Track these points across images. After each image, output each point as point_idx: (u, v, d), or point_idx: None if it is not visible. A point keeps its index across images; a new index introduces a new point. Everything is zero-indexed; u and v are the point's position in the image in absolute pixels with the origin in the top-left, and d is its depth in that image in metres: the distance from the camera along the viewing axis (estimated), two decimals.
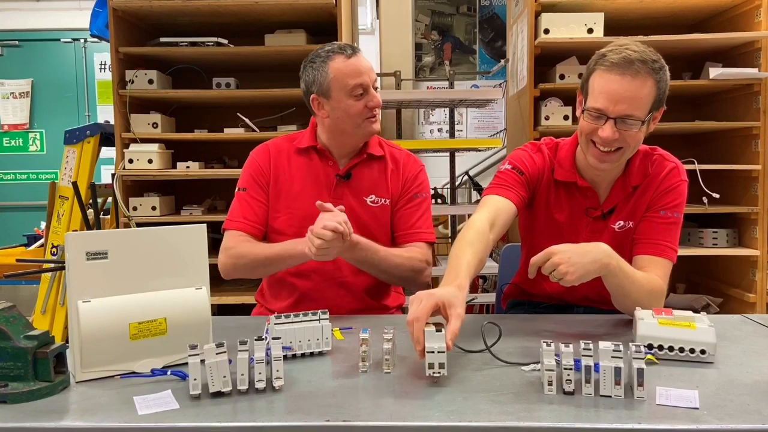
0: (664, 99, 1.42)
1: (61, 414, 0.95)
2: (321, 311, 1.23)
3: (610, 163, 1.45)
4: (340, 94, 1.60)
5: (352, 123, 1.62)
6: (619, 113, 1.36)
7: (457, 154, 3.60)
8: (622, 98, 1.35)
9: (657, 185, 1.51)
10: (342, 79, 1.59)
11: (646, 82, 1.35)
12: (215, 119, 3.10)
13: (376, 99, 1.63)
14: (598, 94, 1.38)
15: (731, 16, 2.86)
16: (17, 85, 5.76)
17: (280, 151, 1.72)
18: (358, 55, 1.61)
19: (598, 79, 1.38)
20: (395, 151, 1.77)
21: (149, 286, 1.15)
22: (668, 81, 1.41)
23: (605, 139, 1.38)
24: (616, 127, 1.37)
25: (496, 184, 1.55)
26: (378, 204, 1.70)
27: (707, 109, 3.12)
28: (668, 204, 1.50)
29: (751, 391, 1.01)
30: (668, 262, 1.47)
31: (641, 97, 1.35)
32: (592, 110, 1.39)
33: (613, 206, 1.54)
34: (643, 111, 1.37)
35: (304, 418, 0.92)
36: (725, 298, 2.92)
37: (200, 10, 2.78)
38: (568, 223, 1.57)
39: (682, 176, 1.53)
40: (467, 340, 1.25)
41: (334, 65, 1.59)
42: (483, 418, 0.91)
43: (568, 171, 1.55)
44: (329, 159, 1.70)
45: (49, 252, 3.07)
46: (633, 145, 1.42)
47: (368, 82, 1.61)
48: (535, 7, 2.75)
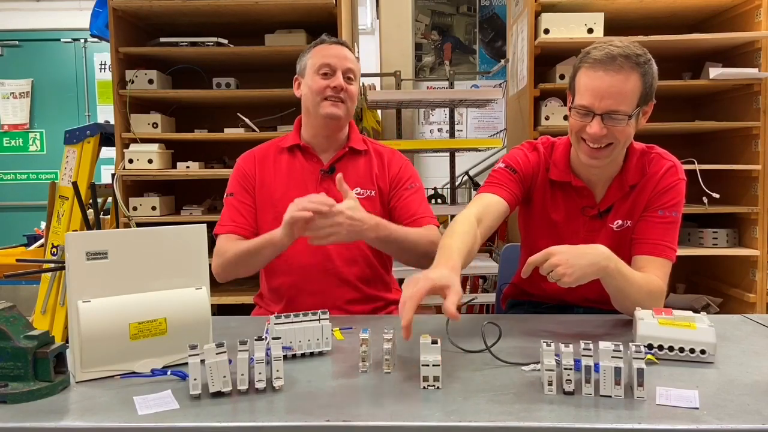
0: (652, 93, 1.42)
1: (61, 414, 0.95)
2: (321, 311, 1.23)
3: (601, 159, 1.45)
4: (310, 72, 1.68)
5: (313, 101, 1.67)
6: (605, 109, 1.37)
7: (457, 154, 3.60)
8: (606, 94, 1.36)
9: (655, 184, 1.51)
10: (314, 58, 1.68)
11: (630, 76, 1.36)
12: (215, 119, 3.10)
13: (338, 81, 1.66)
14: (583, 92, 1.40)
15: (731, 16, 2.86)
16: (17, 85, 5.77)
17: (266, 155, 1.76)
18: (339, 45, 1.70)
19: (583, 77, 1.40)
20: (379, 147, 1.81)
21: (149, 286, 1.15)
22: (655, 74, 1.41)
23: (593, 136, 1.39)
24: (603, 123, 1.38)
25: (489, 183, 1.57)
26: (364, 196, 1.70)
27: (707, 109, 3.12)
28: (666, 203, 1.50)
29: (751, 391, 1.00)
30: (667, 262, 1.47)
31: (626, 92, 1.36)
32: (579, 107, 1.41)
33: (610, 205, 1.54)
34: (629, 105, 1.38)
35: (304, 418, 0.92)
36: (725, 298, 2.92)
37: (200, 10, 2.78)
38: (565, 223, 1.57)
39: (680, 175, 1.52)
40: (467, 340, 1.25)
41: (316, 49, 1.70)
42: (483, 418, 0.91)
43: (563, 171, 1.56)
44: (313, 155, 1.73)
45: (49, 252, 3.08)
46: (622, 140, 1.42)
47: (337, 65, 1.66)
48: (535, 7, 2.75)
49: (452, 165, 3.55)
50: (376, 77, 4.47)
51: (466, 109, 4.97)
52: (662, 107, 3.06)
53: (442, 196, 3.67)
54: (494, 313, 1.59)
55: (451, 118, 3.71)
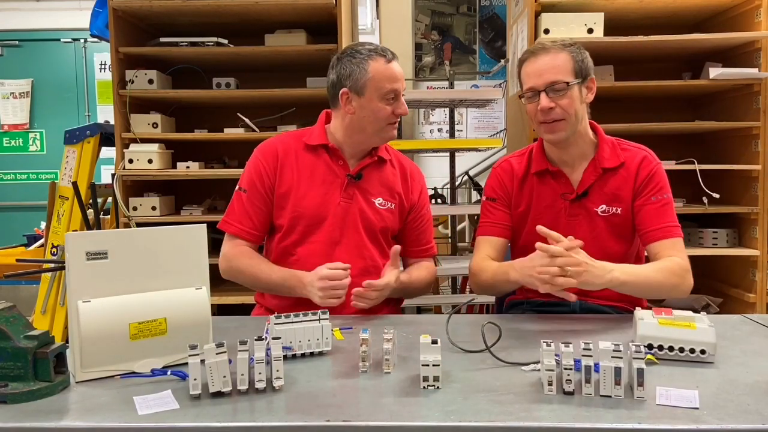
0: (588, 69, 1.60)
1: (61, 414, 0.95)
2: (321, 311, 1.23)
3: (561, 132, 1.58)
4: (373, 95, 1.62)
5: (376, 125, 1.65)
6: (545, 82, 1.55)
7: (457, 154, 3.60)
8: (542, 70, 1.56)
9: (635, 175, 1.62)
10: (379, 81, 1.62)
11: (559, 54, 1.57)
12: (215, 119, 3.10)
13: (404, 108, 1.67)
14: (525, 78, 1.61)
15: (731, 16, 2.86)
16: (17, 85, 5.76)
17: (288, 149, 1.72)
18: (396, 62, 1.66)
19: (523, 71, 1.62)
20: (401, 158, 1.83)
21: (149, 286, 1.15)
22: (585, 56, 1.60)
23: (544, 109, 1.56)
24: (549, 97, 1.55)
25: (483, 222, 1.74)
26: (385, 207, 1.73)
27: (707, 109, 3.12)
28: (654, 188, 1.61)
29: (751, 391, 1.01)
30: (678, 240, 1.58)
31: (558, 65, 1.56)
32: (526, 92, 1.60)
33: (586, 188, 1.64)
34: (565, 75, 1.55)
35: (304, 418, 0.92)
36: (725, 298, 2.92)
37: (200, 10, 2.77)
38: (545, 210, 1.67)
39: (655, 160, 1.65)
40: (467, 340, 1.25)
41: (375, 65, 1.62)
42: (483, 418, 0.91)
43: (539, 160, 1.68)
44: (339, 158, 1.71)
45: (49, 252, 3.07)
46: (571, 111, 1.56)
47: (401, 89, 1.65)
48: (535, 7, 2.74)
49: (452, 165, 3.55)
50: None
51: (466, 109, 4.97)
52: (662, 107, 3.10)
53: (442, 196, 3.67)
54: (494, 313, 1.59)
55: (451, 118, 3.70)
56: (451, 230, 3.87)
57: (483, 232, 1.73)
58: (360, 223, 1.70)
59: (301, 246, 1.69)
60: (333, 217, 1.68)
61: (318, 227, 1.68)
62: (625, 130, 2.53)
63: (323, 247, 1.67)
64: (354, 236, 1.69)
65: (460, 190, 3.92)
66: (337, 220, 1.68)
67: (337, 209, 1.68)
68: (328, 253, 1.66)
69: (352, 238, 1.69)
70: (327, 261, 1.62)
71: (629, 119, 2.69)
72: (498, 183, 1.73)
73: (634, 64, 2.97)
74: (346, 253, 1.67)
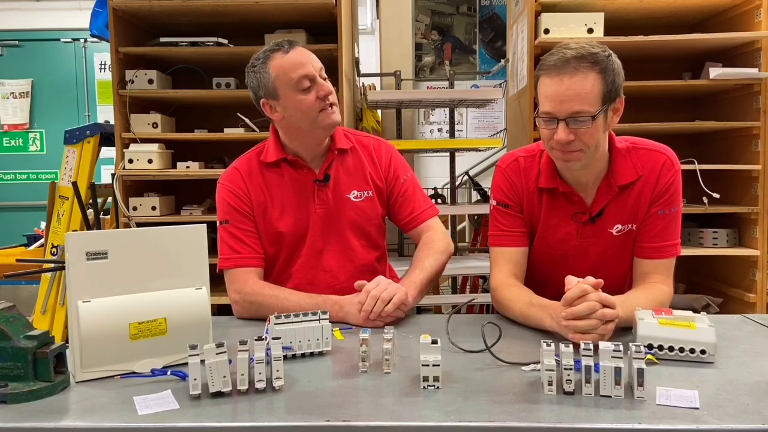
0: (617, 89, 1.38)
1: (61, 414, 0.95)
2: (321, 311, 1.23)
3: (576, 161, 1.41)
4: (287, 91, 1.54)
5: (308, 118, 1.56)
6: (566, 112, 1.34)
7: (457, 154, 3.60)
8: (565, 98, 1.33)
9: (654, 185, 1.47)
10: (284, 75, 1.53)
11: (588, 76, 1.33)
12: (215, 119, 3.10)
13: (326, 86, 1.56)
14: (544, 99, 1.38)
15: (731, 16, 2.86)
16: (17, 85, 5.77)
17: (251, 172, 1.66)
18: (296, 48, 1.56)
19: (542, 85, 1.38)
20: (362, 138, 1.75)
21: (149, 286, 1.15)
22: (617, 69, 1.37)
23: (560, 142, 1.36)
24: (569, 128, 1.35)
25: (496, 232, 1.58)
26: (362, 198, 1.69)
27: (707, 109, 3.12)
28: (667, 200, 1.47)
29: (751, 391, 1.00)
30: (671, 261, 1.49)
31: (585, 93, 1.33)
32: (542, 115, 1.39)
33: (601, 209, 1.50)
34: (592, 105, 1.34)
35: (304, 418, 0.92)
36: (725, 298, 2.92)
37: (200, 10, 2.78)
38: (555, 230, 1.55)
39: (676, 166, 1.49)
40: (467, 340, 1.25)
41: (274, 63, 1.54)
42: (483, 418, 0.91)
43: (549, 177, 1.52)
44: (302, 167, 1.65)
45: (49, 252, 3.07)
46: (592, 144, 1.38)
47: (312, 71, 1.55)
48: (535, 7, 2.75)
49: (452, 165, 3.55)
50: (376, 77, 4.46)
51: (466, 109, 4.97)
52: (662, 107, 3.10)
53: (443, 196, 3.67)
54: (494, 313, 1.59)
55: (451, 118, 3.70)
56: (451, 230, 3.87)
57: (498, 242, 1.58)
58: (341, 224, 1.67)
59: (291, 265, 1.67)
60: (313, 227, 1.65)
61: (301, 242, 1.65)
62: (625, 130, 2.53)
63: (310, 259, 1.66)
64: (338, 240, 1.67)
65: (460, 190, 3.93)
66: (317, 230, 1.65)
67: (315, 218, 1.65)
68: (316, 263, 1.66)
69: (336, 242, 1.67)
70: (316, 271, 1.63)
71: (629, 119, 2.67)
72: (508, 185, 1.57)
73: (634, 64, 2.95)
74: (334, 260, 1.67)
